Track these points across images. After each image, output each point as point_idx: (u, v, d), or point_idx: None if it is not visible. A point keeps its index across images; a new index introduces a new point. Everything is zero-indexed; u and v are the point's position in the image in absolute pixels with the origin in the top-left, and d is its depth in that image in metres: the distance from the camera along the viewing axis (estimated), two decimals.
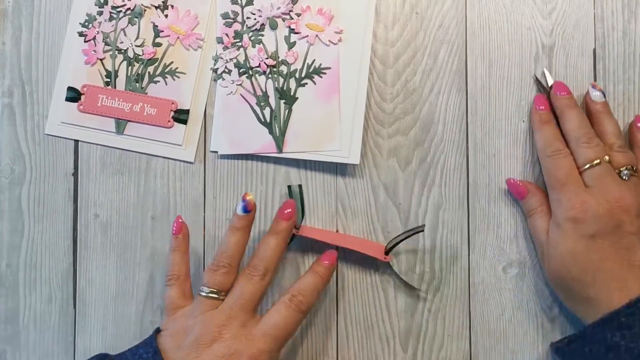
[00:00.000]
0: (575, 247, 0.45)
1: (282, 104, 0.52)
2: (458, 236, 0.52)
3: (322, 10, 0.52)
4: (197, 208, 0.52)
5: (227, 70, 0.52)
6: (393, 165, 0.52)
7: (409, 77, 0.53)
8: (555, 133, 0.49)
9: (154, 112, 0.52)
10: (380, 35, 0.53)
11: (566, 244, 0.46)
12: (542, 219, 0.49)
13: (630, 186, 0.46)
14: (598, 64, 0.53)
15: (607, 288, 0.44)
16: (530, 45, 0.53)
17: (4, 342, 0.51)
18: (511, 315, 0.51)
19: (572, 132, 0.48)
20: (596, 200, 0.45)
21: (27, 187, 0.52)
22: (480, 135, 0.53)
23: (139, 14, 0.53)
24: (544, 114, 0.50)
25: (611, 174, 0.46)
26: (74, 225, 0.52)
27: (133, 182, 0.52)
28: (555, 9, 0.54)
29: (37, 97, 0.52)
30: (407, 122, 0.52)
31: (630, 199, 0.45)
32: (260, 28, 0.52)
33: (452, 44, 0.53)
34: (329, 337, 0.51)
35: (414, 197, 0.52)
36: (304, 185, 0.52)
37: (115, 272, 0.51)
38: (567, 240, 0.46)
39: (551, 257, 0.47)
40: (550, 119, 0.50)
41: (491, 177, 0.52)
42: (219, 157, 0.52)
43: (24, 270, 0.51)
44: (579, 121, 0.48)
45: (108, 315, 0.51)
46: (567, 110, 0.49)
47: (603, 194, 0.46)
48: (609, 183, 0.46)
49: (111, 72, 0.52)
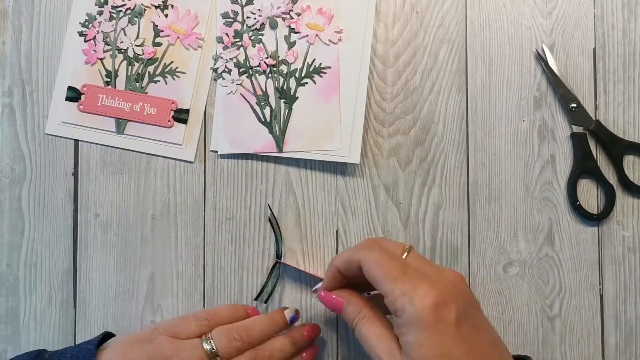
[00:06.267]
0: (444, 344, 0.37)
1: (282, 104, 0.52)
2: (458, 236, 0.52)
3: (322, 9, 0.52)
4: (197, 207, 0.52)
5: (227, 69, 0.52)
6: (393, 165, 0.52)
7: (409, 77, 0.53)
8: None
9: (154, 111, 0.52)
10: (381, 34, 0.53)
11: (431, 343, 0.36)
12: (370, 325, 0.40)
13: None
14: (598, 64, 0.53)
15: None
16: (530, 44, 0.53)
17: (4, 342, 0.51)
18: (511, 314, 0.51)
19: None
20: (441, 279, 0.39)
21: (27, 186, 0.52)
22: (480, 134, 0.53)
23: (139, 14, 0.53)
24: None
25: (422, 256, 0.42)
26: (74, 225, 0.52)
27: (133, 182, 0.52)
28: (555, 8, 0.54)
29: (37, 96, 0.52)
30: (407, 121, 0.53)
31: (457, 272, 0.41)
32: (260, 27, 0.52)
33: (452, 43, 0.53)
34: (329, 336, 0.51)
35: (414, 197, 0.52)
36: (304, 185, 0.52)
37: (116, 272, 0.51)
38: (432, 336, 0.36)
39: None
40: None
41: (491, 176, 0.52)
42: (219, 156, 0.52)
43: (24, 270, 0.51)
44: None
45: (108, 315, 0.51)
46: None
47: (440, 273, 0.40)
48: (430, 261, 0.41)
49: (111, 71, 0.52)
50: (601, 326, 0.51)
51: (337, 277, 0.43)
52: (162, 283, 0.51)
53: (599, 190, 0.53)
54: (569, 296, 0.51)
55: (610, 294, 0.52)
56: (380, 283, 0.39)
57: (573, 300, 0.51)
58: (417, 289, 0.37)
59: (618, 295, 0.52)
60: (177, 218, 0.52)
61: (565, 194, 0.52)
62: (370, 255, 0.40)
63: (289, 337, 0.46)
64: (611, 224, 0.52)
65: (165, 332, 0.44)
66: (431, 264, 0.41)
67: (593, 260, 0.52)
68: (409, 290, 0.37)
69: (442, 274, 0.40)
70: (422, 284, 0.37)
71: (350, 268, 0.41)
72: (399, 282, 0.38)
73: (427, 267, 0.40)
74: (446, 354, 0.36)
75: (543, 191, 0.52)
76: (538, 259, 0.52)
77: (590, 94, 0.53)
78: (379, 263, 0.39)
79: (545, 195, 0.52)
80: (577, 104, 0.52)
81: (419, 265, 0.40)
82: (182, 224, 0.52)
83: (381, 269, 0.39)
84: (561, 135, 0.53)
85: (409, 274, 0.38)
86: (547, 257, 0.52)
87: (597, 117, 0.53)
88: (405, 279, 0.38)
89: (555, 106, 0.53)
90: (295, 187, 0.52)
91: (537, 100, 0.53)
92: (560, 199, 0.52)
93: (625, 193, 0.53)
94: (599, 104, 0.53)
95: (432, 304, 0.37)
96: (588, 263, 0.52)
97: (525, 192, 0.52)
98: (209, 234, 0.52)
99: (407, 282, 0.38)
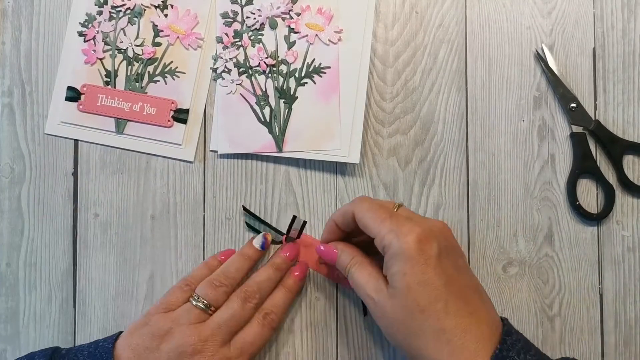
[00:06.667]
0: (425, 273, 0.39)
1: (282, 104, 0.52)
2: (458, 235, 0.52)
3: (321, 9, 0.52)
4: (196, 207, 0.52)
5: (227, 69, 0.52)
6: (393, 165, 0.52)
7: (409, 77, 0.53)
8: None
9: (153, 111, 0.52)
10: (380, 34, 0.53)
11: (414, 271, 0.39)
12: (361, 269, 0.44)
13: None
14: (598, 63, 0.53)
15: (460, 314, 0.39)
16: (529, 44, 0.53)
17: (4, 342, 0.51)
18: (511, 314, 0.51)
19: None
20: (426, 223, 0.42)
21: (27, 186, 0.52)
22: (480, 134, 0.53)
23: (139, 14, 0.53)
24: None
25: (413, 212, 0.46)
26: (74, 225, 0.52)
27: (133, 182, 0.52)
28: (554, 8, 0.54)
29: (36, 96, 0.52)
30: (407, 121, 0.53)
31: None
32: (260, 27, 0.52)
33: (451, 43, 0.53)
34: (329, 337, 0.51)
35: (414, 197, 0.52)
36: (304, 185, 0.52)
37: (115, 272, 0.51)
38: (415, 266, 0.39)
39: (393, 297, 0.40)
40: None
41: (491, 176, 0.52)
42: (219, 156, 0.52)
43: (24, 270, 0.51)
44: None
45: (108, 315, 0.51)
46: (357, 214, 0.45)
47: (427, 220, 0.43)
48: (419, 216, 0.45)
49: (111, 71, 0.52)
50: (601, 326, 0.51)
51: (335, 231, 0.47)
52: (162, 283, 0.51)
53: (598, 190, 0.53)
54: (569, 296, 0.52)
55: (609, 294, 0.52)
56: (370, 227, 0.42)
57: (573, 300, 0.52)
58: (402, 226, 0.41)
59: (617, 294, 0.52)
60: (177, 218, 0.52)
61: (564, 194, 0.52)
62: (362, 205, 0.44)
63: (271, 265, 0.49)
64: (611, 223, 0.52)
65: (157, 312, 0.46)
66: (420, 215, 0.45)
67: (593, 260, 0.52)
68: (395, 228, 0.41)
69: (429, 221, 0.43)
70: (407, 223, 0.41)
71: (346, 220, 0.45)
72: (387, 222, 0.42)
73: (414, 215, 0.44)
74: (427, 282, 0.39)
75: (543, 191, 0.52)
76: (538, 259, 0.52)
77: (590, 94, 0.53)
78: (370, 210, 0.43)
79: (545, 195, 0.52)
80: (577, 103, 0.52)
81: (407, 214, 0.44)
82: (182, 224, 0.52)
83: (371, 214, 0.43)
84: (561, 135, 0.53)
85: (396, 216, 0.42)
86: (546, 256, 0.52)
87: (596, 117, 0.53)
88: (392, 220, 0.42)
89: (554, 106, 0.53)
90: (295, 187, 0.52)
91: (537, 100, 0.53)
92: (559, 198, 0.52)
93: (625, 193, 0.53)
94: (599, 104, 0.53)
95: (415, 238, 0.40)
96: (587, 263, 0.52)
97: (524, 192, 0.52)
98: (208, 234, 0.52)
99: (394, 222, 0.42)
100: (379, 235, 0.42)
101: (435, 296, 0.39)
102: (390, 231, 0.41)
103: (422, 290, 0.39)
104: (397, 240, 0.40)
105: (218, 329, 0.45)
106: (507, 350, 0.39)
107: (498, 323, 0.41)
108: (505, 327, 0.41)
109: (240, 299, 0.46)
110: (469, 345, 0.38)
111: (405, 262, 0.40)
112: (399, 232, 0.41)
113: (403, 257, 0.40)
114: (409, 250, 0.40)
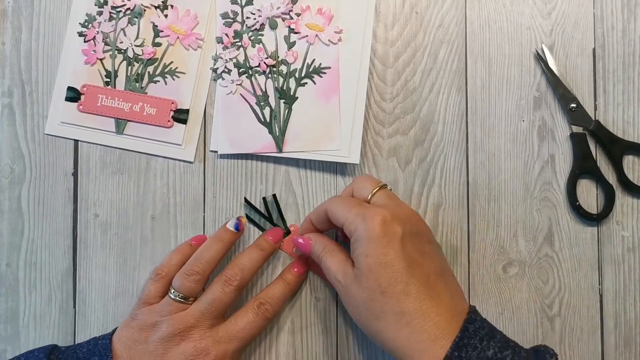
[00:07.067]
0: (386, 254, 0.40)
1: (282, 104, 0.52)
2: (458, 235, 0.52)
3: (321, 10, 0.52)
4: (196, 207, 0.52)
5: (227, 70, 0.52)
6: (393, 165, 0.52)
7: (409, 77, 0.53)
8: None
9: (153, 111, 0.52)
10: (380, 34, 0.53)
11: (376, 253, 0.40)
12: (332, 257, 0.45)
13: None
14: (597, 64, 0.53)
15: (420, 298, 0.39)
16: (529, 44, 0.53)
17: (4, 342, 0.51)
18: (511, 314, 0.51)
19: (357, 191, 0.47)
20: (395, 209, 0.43)
21: (27, 186, 0.52)
22: (480, 134, 0.53)
23: (139, 14, 0.53)
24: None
25: (394, 194, 0.46)
26: (74, 225, 0.52)
27: (133, 182, 0.52)
28: (554, 8, 0.54)
29: (37, 97, 0.52)
30: (407, 121, 0.53)
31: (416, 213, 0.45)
32: (260, 28, 0.52)
33: (451, 43, 0.53)
34: (329, 337, 0.51)
35: (414, 197, 0.52)
36: (304, 185, 0.52)
37: (115, 272, 0.51)
38: (377, 248, 0.40)
39: (358, 279, 0.41)
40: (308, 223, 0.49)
41: (491, 176, 0.52)
42: (219, 156, 0.52)
43: (24, 270, 0.51)
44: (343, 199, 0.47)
45: (108, 315, 0.51)
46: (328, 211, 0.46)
47: (398, 206, 0.44)
48: (397, 199, 0.45)
49: (111, 72, 0.52)
50: (600, 326, 0.52)
51: (311, 229, 0.48)
52: None
53: (598, 190, 0.53)
54: (569, 296, 0.52)
55: (609, 294, 0.52)
56: (339, 216, 0.44)
57: (572, 300, 0.52)
58: (369, 210, 0.42)
59: (617, 295, 0.52)
60: (177, 218, 0.52)
61: (564, 194, 0.52)
62: (333, 202, 0.45)
63: (254, 246, 0.49)
64: (611, 224, 0.52)
65: (139, 307, 0.47)
66: (396, 199, 0.45)
67: (592, 260, 0.52)
68: (362, 212, 0.42)
69: (401, 207, 0.44)
70: (374, 208, 0.42)
71: (320, 219, 0.46)
72: (354, 209, 0.43)
73: (388, 202, 0.44)
74: (388, 264, 0.40)
75: (543, 191, 0.52)
76: (538, 259, 0.52)
77: (590, 94, 0.53)
78: (340, 202, 0.45)
79: (545, 195, 0.52)
80: (577, 104, 0.52)
81: (381, 202, 0.44)
82: (182, 224, 0.52)
83: (341, 205, 0.44)
84: (561, 136, 0.53)
85: (364, 204, 0.43)
86: (546, 257, 0.52)
87: (596, 117, 0.53)
88: (360, 206, 0.43)
89: (554, 106, 0.53)
90: (295, 187, 0.52)
91: (537, 101, 0.53)
92: (559, 199, 0.52)
93: (625, 193, 0.53)
94: (599, 104, 0.53)
95: (380, 220, 0.41)
96: (587, 263, 0.52)
97: (524, 192, 0.52)
98: (208, 234, 0.52)
99: (362, 208, 0.42)
100: (347, 220, 0.43)
101: (395, 278, 0.40)
102: (357, 215, 0.42)
103: (382, 271, 0.40)
104: (363, 223, 0.41)
105: (201, 314, 0.45)
106: (469, 338, 0.39)
107: (462, 310, 0.41)
108: (470, 315, 0.40)
109: (220, 282, 0.46)
110: (429, 329, 0.39)
111: (368, 244, 0.41)
112: (365, 216, 0.41)
113: (367, 238, 0.41)
114: (372, 231, 0.41)
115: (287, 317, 0.51)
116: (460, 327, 0.39)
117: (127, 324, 0.46)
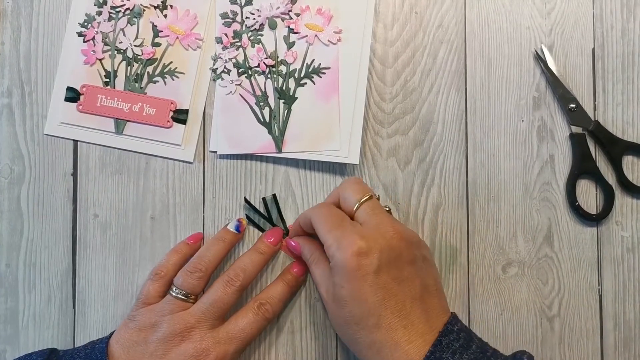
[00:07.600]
0: (360, 289, 0.40)
1: (282, 104, 0.52)
2: (457, 236, 0.52)
3: (321, 10, 0.52)
4: (196, 208, 0.52)
5: (226, 70, 0.52)
6: (392, 165, 0.52)
7: (408, 77, 0.53)
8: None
9: (153, 112, 0.52)
10: (380, 35, 0.53)
11: (350, 287, 0.41)
12: (318, 267, 0.46)
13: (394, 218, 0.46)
14: (597, 64, 0.53)
15: (392, 328, 0.40)
16: (529, 44, 0.53)
17: (3, 342, 0.51)
18: (510, 315, 0.51)
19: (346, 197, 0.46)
20: (375, 232, 0.42)
21: (26, 187, 0.52)
22: (479, 134, 0.53)
23: (138, 14, 0.53)
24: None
25: (380, 207, 0.45)
26: (74, 225, 0.52)
27: (132, 182, 0.52)
28: (554, 8, 0.54)
29: (36, 97, 0.52)
30: (407, 121, 0.53)
31: (402, 228, 0.43)
32: (259, 28, 0.52)
33: (451, 43, 0.53)
34: (328, 337, 0.51)
35: (414, 197, 0.52)
36: (303, 185, 0.52)
37: (115, 272, 0.51)
38: (351, 281, 0.41)
39: (335, 304, 0.42)
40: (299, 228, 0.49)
41: (490, 176, 0.52)
42: (218, 157, 0.52)
43: (23, 270, 0.51)
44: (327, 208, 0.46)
45: (107, 315, 0.51)
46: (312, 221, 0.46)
47: (379, 226, 0.43)
48: (381, 214, 0.44)
49: (110, 72, 0.52)
50: (600, 326, 0.52)
51: (299, 231, 0.49)
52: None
53: (598, 191, 0.53)
54: (568, 296, 0.52)
55: (609, 294, 0.52)
56: (320, 234, 0.44)
57: (572, 301, 0.52)
58: (345, 238, 0.41)
59: (617, 295, 0.52)
60: (177, 218, 0.52)
61: (564, 194, 0.52)
62: (317, 212, 0.45)
63: (254, 249, 0.49)
64: (610, 224, 0.52)
65: (138, 307, 0.47)
66: (379, 216, 0.44)
67: (592, 260, 0.52)
68: (339, 238, 0.42)
69: (381, 228, 0.43)
70: (350, 235, 0.42)
71: (306, 224, 0.46)
72: (332, 233, 0.42)
73: (371, 220, 0.43)
74: (362, 298, 0.40)
75: (542, 191, 0.52)
76: (537, 259, 0.52)
77: (589, 94, 0.53)
78: (323, 217, 0.44)
79: (544, 196, 0.52)
80: (576, 104, 0.52)
81: (364, 218, 0.44)
82: (182, 225, 0.52)
83: (323, 222, 0.44)
84: (560, 136, 0.53)
85: (344, 225, 0.43)
86: (546, 257, 0.52)
87: (596, 118, 0.53)
88: (339, 229, 0.42)
89: (554, 106, 0.53)
90: (295, 187, 0.52)
91: (536, 101, 0.53)
92: (559, 199, 0.52)
93: (624, 193, 0.53)
94: (598, 104, 0.53)
95: (354, 252, 0.41)
96: (587, 263, 0.52)
97: (524, 193, 0.52)
98: (208, 234, 0.52)
99: (339, 233, 0.42)
100: (326, 243, 0.43)
101: (368, 311, 0.40)
102: (334, 242, 0.42)
103: (356, 305, 0.41)
104: (339, 253, 0.41)
105: (202, 315, 0.45)
106: (441, 352, 0.39)
107: (438, 327, 0.41)
108: (446, 327, 0.41)
109: (222, 282, 0.47)
110: (399, 357, 0.40)
111: (343, 276, 0.41)
112: (340, 245, 0.41)
113: (342, 270, 0.41)
114: (347, 264, 0.41)
115: (287, 317, 0.51)
116: (432, 343, 0.40)
117: (126, 325, 0.46)
